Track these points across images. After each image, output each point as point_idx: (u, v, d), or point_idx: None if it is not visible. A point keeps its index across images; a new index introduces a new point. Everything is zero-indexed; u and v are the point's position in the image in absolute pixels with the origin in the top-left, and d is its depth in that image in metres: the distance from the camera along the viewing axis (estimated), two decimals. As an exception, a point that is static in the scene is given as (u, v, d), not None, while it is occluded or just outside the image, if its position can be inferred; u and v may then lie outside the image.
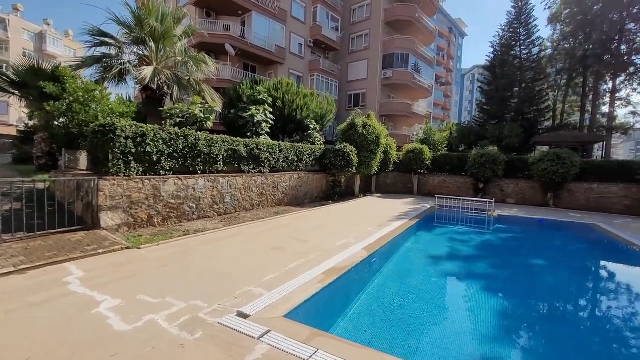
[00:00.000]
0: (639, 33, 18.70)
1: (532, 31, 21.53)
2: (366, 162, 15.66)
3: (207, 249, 6.31)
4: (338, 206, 13.10)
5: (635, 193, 14.85)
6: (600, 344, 4.56)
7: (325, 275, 5.13)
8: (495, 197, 17.36)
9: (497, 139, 19.74)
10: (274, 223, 9.12)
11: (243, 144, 10.55)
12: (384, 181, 20.22)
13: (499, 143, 19.56)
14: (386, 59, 29.81)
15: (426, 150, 18.70)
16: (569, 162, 14.89)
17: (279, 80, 17.25)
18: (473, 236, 10.29)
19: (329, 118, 19.39)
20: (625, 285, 7.31)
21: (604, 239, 10.20)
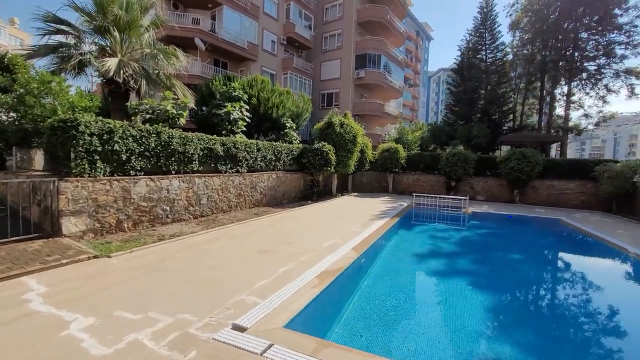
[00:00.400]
0: (590, 41, 20.35)
1: (496, 36, 22.76)
2: (344, 161, 15.59)
3: (188, 255, 5.83)
4: (318, 206, 12.90)
5: (590, 189, 16.07)
6: (576, 326, 4.74)
7: (319, 279, 4.90)
8: (466, 194, 18.02)
9: (466, 139, 20.60)
10: (255, 225, 8.72)
11: (220, 143, 10.02)
12: (360, 180, 20.33)
13: (468, 142, 20.43)
14: (359, 59, 30.05)
15: (401, 150, 19.03)
16: (534, 160, 15.81)
17: (253, 77, 16.70)
18: (452, 233, 10.54)
19: (305, 117, 19.13)
20: (590, 271, 7.92)
21: (569, 231, 10.92)
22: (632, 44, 19.00)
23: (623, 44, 19.16)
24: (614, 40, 19.36)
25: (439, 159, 18.43)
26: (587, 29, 20.14)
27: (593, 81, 20.41)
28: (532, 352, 3.97)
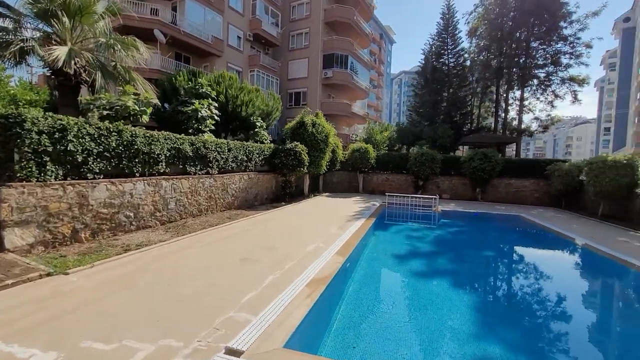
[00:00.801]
0: (539, 50, 22.11)
1: (457, 42, 23.92)
2: (316, 162, 15.40)
3: (160, 267, 5.26)
4: (292, 207, 12.57)
5: (543, 187, 17.40)
6: (547, 313, 4.96)
7: (310, 288, 4.63)
8: (432, 193, 18.66)
9: (431, 140, 21.40)
10: (230, 230, 8.21)
11: (188, 142, 9.32)
12: (331, 180, 20.26)
13: (433, 143, 21.23)
14: (326, 59, 30.01)
15: (371, 150, 19.26)
16: (494, 160, 16.78)
17: (220, 74, 15.90)
18: (426, 232, 10.77)
19: (275, 116, 18.64)
20: (552, 261, 8.59)
21: (530, 226, 11.67)
22: (575, 54, 20.97)
23: (567, 53, 21.08)
24: (560, 50, 21.23)
25: (408, 159, 18.91)
26: (537, 38, 21.85)
27: (543, 87, 22.22)
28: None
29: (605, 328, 5.18)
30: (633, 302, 6.01)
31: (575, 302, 5.93)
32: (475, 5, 26.67)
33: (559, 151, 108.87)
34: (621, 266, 7.01)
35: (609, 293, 6.98)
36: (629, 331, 4.92)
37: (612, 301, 6.50)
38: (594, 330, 4.96)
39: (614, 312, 5.87)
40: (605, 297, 6.68)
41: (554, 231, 10.35)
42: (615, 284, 7.26)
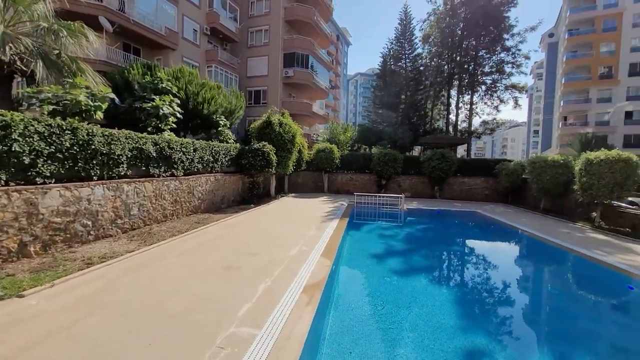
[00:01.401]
0: (486, 59, 24.12)
1: (414, 47, 25.16)
2: (283, 162, 15.13)
3: (135, 282, 4.73)
4: (263, 210, 12.19)
5: (492, 184, 18.96)
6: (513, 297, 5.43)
7: (307, 294, 4.49)
8: (394, 192, 19.40)
9: (392, 140, 22.26)
10: (203, 236, 7.69)
11: (152, 142, 8.56)
12: (296, 180, 20.08)
13: (394, 143, 22.09)
14: (287, 58, 29.69)
15: (335, 150, 19.44)
16: (451, 160, 17.92)
17: (179, 68, 14.86)
18: (398, 230, 11.14)
19: (238, 115, 17.93)
20: (509, 250, 9.75)
21: (486, 221, 12.67)
22: (516, 64, 23.26)
23: (510, 63, 23.31)
24: (504, 60, 23.38)
25: (371, 159, 19.41)
26: (484, 48, 23.82)
27: (490, 93, 24.28)
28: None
29: (560, 306, 5.76)
30: (575, 282, 6.81)
31: (531, 285, 6.64)
32: (429, 14, 28.25)
33: (497, 151, 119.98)
34: (566, 252, 7.95)
35: (558, 275, 7.81)
36: (578, 307, 5.52)
37: (560, 281, 7.29)
38: (550, 307, 5.54)
39: (562, 291, 6.55)
40: (554, 278, 7.47)
41: (508, 225, 11.33)
42: (561, 267, 8.13)
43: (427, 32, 28.86)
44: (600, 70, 40.57)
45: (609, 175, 10.57)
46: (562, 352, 4.13)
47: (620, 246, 8.32)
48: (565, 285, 6.96)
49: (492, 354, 3.83)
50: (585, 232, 10.28)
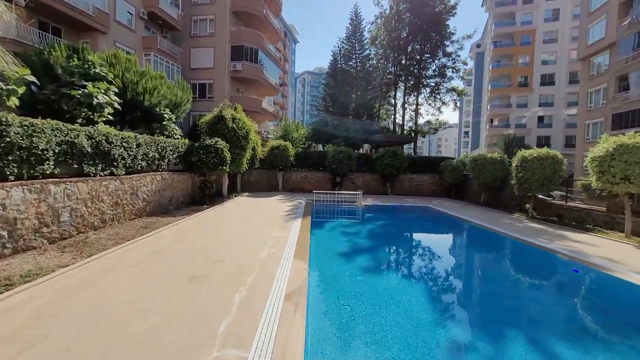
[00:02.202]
0: (430, 63, 25.71)
1: (364, 47, 25.74)
2: (237, 159, 14.27)
3: (77, 304, 3.85)
4: (218, 211, 11.29)
5: (437, 180, 20.24)
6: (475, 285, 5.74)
7: (291, 302, 4.09)
8: (348, 189, 19.67)
9: (345, 138, 22.52)
10: (156, 242, 6.74)
11: (86, 135, 7.29)
12: (248, 179, 19.19)
13: (346, 141, 22.37)
14: (235, 51, 28.29)
15: (290, 147, 19.00)
16: (402, 158, 18.68)
17: (114, 54, 13.05)
18: (360, 227, 11.14)
19: (184, 108, 16.45)
20: (464, 240, 10.34)
21: (439, 214, 13.44)
22: (455, 69, 25.16)
23: (450, 67, 25.14)
24: (445, 65, 25.15)
25: (326, 156, 19.37)
26: (427, 52, 25.33)
27: (434, 95, 25.92)
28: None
29: (514, 288, 6.20)
30: (525, 267, 7.46)
31: (489, 271, 7.10)
32: (376, 17, 29.18)
33: (433, 150, 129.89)
34: (513, 240, 8.78)
35: (510, 261, 8.44)
36: (530, 289, 5.99)
37: (512, 267, 7.89)
38: (507, 290, 6.05)
39: (512, 273, 7.10)
40: (506, 265, 8.06)
41: (460, 218, 12.11)
42: (506, 253, 8.86)
43: (375, 34, 29.81)
44: (518, 79, 46.07)
45: (540, 171, 11.85)
46: (523, 330, 4.33)
47: (555, 234, 9.34)
48: (518, 270, 7.53)
49: (473, 343, 3.86)
50: (523, 222, 11.39)
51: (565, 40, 43.38)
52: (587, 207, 11.18)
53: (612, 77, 25.97)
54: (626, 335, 4.34)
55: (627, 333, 4.42)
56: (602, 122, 27.36)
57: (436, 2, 24.07)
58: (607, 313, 5.14)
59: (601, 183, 8.86)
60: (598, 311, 5.26)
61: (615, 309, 5.26)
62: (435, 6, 23.93)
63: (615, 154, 8.37)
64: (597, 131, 27.86)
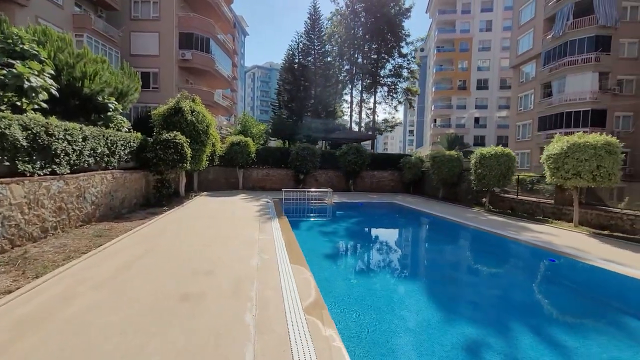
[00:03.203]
0: (387, 62, 26.48)
1: (324, 43, 25.50)
2: (197, 156, 13.06)
3: (43, 342, 2.92)
4: (180, 213, 10.13)
5: (397, 177, 20.91)
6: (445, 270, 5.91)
7: (316, 318, 3.60)
8: (311, 186, 19.39)
9: (306, 135, 22.08)
10: (120, 254, 5.66)
11: (19, 125, 5.86)
12: (206, 177, 17.82)
13: (308, 138, 21.96)
14: (183, 39, 26.11)
15: (251, 143, 18.04)
16: (365, 155, 18.89)
17: (43, 30, 10.90)
18: (337, 225, 10.99)
19: (132, 98, 14.44)
20: (434, 232, 11.01)
21: (406, 209, 13.84)
22: (410, 70, 26.23)
23: (405, 68, 26.14)
24: (401, 65, 26.07)
25: (289, 153, 18.79)
26: (385, 52, 26.02)
27: (391, 95, 26.75)
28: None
29: (499, 278, 6.50)
30: (487, 253, 7.95)
31: (467, 262, 7.60)
32: (332, 14, 29.18)
33: (380, 147, 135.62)
34: (485, 233, 9.31)
35: (483, 252, 8.89)
36: (514, 278, 6.32)
37: (476, 254, 8.44)
38: (487, 279, 6.36)
39: (495, 265, 7.50)
40: (481, 255, 8.51)
41: (427, 212, 12.56)
42: (484, 246, 9.34)
43: (331, 31, 29.81)
44: (458, 83, 49.99)
45: (497, 167, 12.77)
46: (519, 318, 4.46)
47: (518, 225, 10.09)
48: (501, 262, 7.94)
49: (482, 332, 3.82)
50: (485, 215, 12.18)
51: (497, 50, 48.09)
52: (537, 200, 12.34)
53: (538, 85, 29.31)
54: (609, 314, 4.69)
55: (609, 313, 4.79)
56: (530, 124, 30.79)
57: (391, 3, 24.76)
58: (591, 298, 5.58)
59: (555, 178, 9.78)
60: (583, 297, 5.68)
61: (595, 294, 5.75)
62: (390, 7, 24.61)
63: (569, 152, 9.27)
64: (527, 132, 31.38)
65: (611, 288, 5.83)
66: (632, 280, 5.54)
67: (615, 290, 5.78)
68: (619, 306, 5.29)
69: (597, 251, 7.04)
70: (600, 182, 8.95)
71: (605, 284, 5.94)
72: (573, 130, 25.32)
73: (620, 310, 5.13)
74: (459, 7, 49.12)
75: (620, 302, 5.42)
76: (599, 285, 6.02)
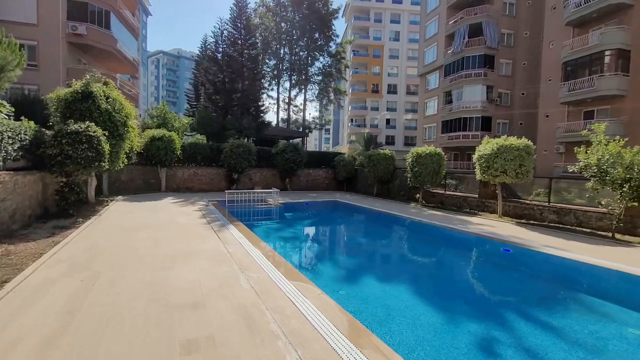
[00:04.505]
0: (316, 61, 26.45)
1: (252, 33, 23.84)
2: (114, 153, 10.66)
3: None
4: (101, 224, 7.99)
5: (330, 174, 21.18)
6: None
7: (372, 352, 3.06)
8: (246, 186, 18.20)
9: (237, 130, 20.35)
10: (45, 292, 3.95)
11: None
12: (118, 178, 14.88)
13: (240, 134, 20.30)
14: (75, 8, 21.33)
15: (177, 138, 15.74)
16: (302, 152, 18.50)
17: None
18: (292, 228, 10.45)
19: (11, 76, 10.83)
20: (384, 228, 11.13)
21: (348, 206, 14.14)
22: (339, 70, 26.78)
23: (335, 68, 26.55)
24: (330, 64, 26.35)
25: (221, 150, 17.10)
26: (314, 50, 25.92)
27: (322, 94, 26.80)
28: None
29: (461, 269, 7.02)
30: (432, 243, 8.66)
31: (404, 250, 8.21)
32: (257, 4, 27.78)
33: (310, 146, 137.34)
34: (433, 226, 10.04)
35: (421, 239, 9.56)
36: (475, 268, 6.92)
37: (422, 244, 9.11)
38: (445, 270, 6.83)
39: (425, 252, 8.13)
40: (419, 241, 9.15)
41: (371, 209, 13.05)
42: (420, 234, 10.07)
43: (256, 22, 28.34)
44: (372, 86, 53.82)
45: (431, 165, 13.95)
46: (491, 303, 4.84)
47: (457, 218, 11.14)
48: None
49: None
50: (423, 210, 13.16)
51: (404, 59, 53.39)
52: (463, 195, 13.93)
53: (441, 92, 33.47)
54: (565, 293, 5.43)
55: (565, 292, 5.55)
56: (435, 126, 35.07)
57: (320, 2, 24.82)
58: (551, 281, 6.40)
59: (487, 175, 11.12)
60: (545, 280, 6.49)
61: (551, 277, 6.63)
62: (319, 5, 24.63)
63: (498, 153, 10.63)
64: (432, 133, 35.65)
65: (561, 270, 6.77)
66: (575, 262, 6.53)
67: (563, 272, 6.73)
68: (575, 287, 6.17)
69: (535, 238, 8.18)
70: (521, 179, 10.53)
71: (556, 267, 6.85)
72: (469, 133, 29.96)
73: (576, 290, 5.99)
74: (372, 15, 52.80)
75: (573, 283, 6.34)
76: (552, 269, 6.91)
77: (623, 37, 19.27)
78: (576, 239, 8.27)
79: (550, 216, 10.50)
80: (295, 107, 29.25)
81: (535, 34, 28.49)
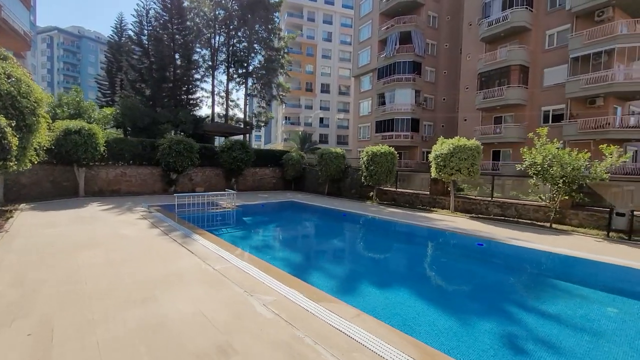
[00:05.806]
0: (259, 55, 24.88)
1: (185, 16, 21.10)
2: (20, 148, 8.20)
3: None
4: (15, 245, 5.95)
5: (278, 173, 20.35)
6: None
7: None
8: (186, 187, 16.38)
9: (173, 125, 17.80)
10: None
11: None
12: (18, 181, 11.69)
13: (175, 128, 17.83)
14: None
15: (99, 132, 13.05)
16: (250, 150, 17.27)
17: None
18: (257, 235, 9.39)
19: None
20: (346, 226, 11.10)
21: (307, 206, 13.74)
22: (282, 65, 25.75)
23: (278, 62, 25.41)
24: (272, 59, 25.11)
25: (156, 147, 14.84)
26: (256, 42, 24.40)
27: (264, 89, 25.35)
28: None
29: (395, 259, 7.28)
30: (416, 243, 8.98)
31: (372, 246, 8.40)
32: (187, -15, 25.02)
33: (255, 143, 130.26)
34: (399, 224, 10.33)
35: (385, 236, 9.80)
36: (451, 263, 7.25)
37: (389, 240, 9.40)
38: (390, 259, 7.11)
39: (392, 247, 8.46)
40: (385, 238, 9.42)
41: (336, 209, 12.78)
42: (385, 231, 10.30)
43: (188, 6, 25.54)
44: (305, 85, 53.89)
45: (385, 164, 14.35)
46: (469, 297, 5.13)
47: (418, 215, 11.60)
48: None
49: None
50: (381, 207, 13.43)
51: (336, 59, 54.73)
52: (414, 192, 14.67)
53: (374, 94, 35.16)
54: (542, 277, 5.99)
55: (539, 277, 6.11)
56: (369, 126, 36.75)
57: (259, -7, 23.52)
58: (536, 272, 6.95)
59: (442, 174, 11.83)
60: (529, 272, 7.01)
61: (523, 266, 7.21)
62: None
63: (454, 152, 11.38)
64: (367, 133, 37.29)
65: (528, 259, 7.42)
66: (538, 252, 7.24)
67: (530, 261, 7.39)
68: (542, 273, 6.81)
69: (494, 231, 8.90)
70: (472, 176, 11.47)
71: (532, 258, 7.43)
72: (400, 133, 32.13)
73: (544, 275, 6.61)
74: (305, 14, 52.80)
75: (542, 270, 6.99)
76: (530, 260, 7.48)
77: (523, 54, 22.72)
78: (526, 230, 9.29)
79: (495, 210, 11.69)
80: (232, 101, 27.33)
81: (454, 47, 31.90)
